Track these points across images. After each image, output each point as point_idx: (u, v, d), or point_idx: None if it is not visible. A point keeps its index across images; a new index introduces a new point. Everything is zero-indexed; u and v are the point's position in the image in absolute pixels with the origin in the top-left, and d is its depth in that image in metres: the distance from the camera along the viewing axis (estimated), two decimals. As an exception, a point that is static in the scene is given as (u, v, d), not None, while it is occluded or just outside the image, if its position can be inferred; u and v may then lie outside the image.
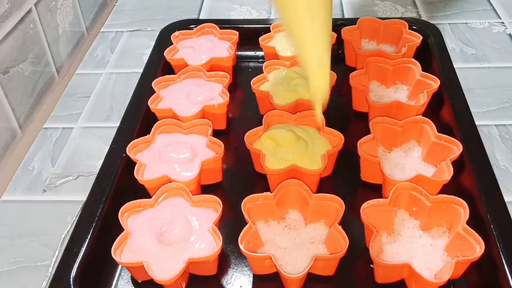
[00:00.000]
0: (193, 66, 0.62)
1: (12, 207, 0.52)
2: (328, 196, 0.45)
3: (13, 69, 0.60)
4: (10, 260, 0.47)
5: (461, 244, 0.41)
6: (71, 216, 0.51)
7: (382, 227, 0.44)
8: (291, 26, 0.45)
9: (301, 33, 0.44)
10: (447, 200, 0.44)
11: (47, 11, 0.67)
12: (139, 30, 0.78)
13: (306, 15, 0.43)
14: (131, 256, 0.42)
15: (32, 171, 0.56)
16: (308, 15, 0.43)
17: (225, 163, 0.52)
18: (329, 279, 0.43)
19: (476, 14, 0.77)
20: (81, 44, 0.77)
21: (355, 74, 0.59)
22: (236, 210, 0.45)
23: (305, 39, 0.44)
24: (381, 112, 0.54)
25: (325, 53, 0.44)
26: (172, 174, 0.49)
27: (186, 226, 0.44)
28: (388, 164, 0.50)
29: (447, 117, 0.55)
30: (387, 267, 0.41)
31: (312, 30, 0.43)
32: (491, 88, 0.63)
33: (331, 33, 0.45)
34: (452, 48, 0.70)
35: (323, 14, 0.43)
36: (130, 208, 0.46)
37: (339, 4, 0.81)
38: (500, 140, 0.56)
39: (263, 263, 0.42)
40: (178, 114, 0.55)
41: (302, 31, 0.44)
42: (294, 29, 0.45)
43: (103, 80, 0.68)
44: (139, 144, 0.52)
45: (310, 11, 0.42)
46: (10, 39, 0.59)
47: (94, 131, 0.60)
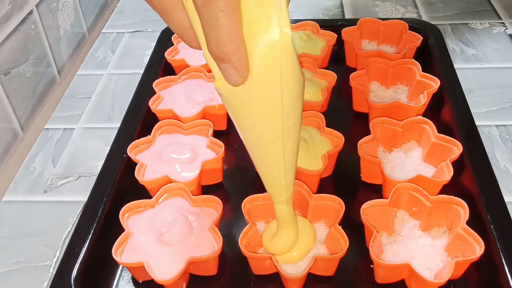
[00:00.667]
0: (194, 66, 0.62)
1: (13, 208, 0.52)
2: (328, 197, 0.45)
3: (15, 70, 0.60)
4: (11, 260, 0.47)
5: (461, 244, 0.41)
6: (72, 216, 0.51)
7: (382, 228, 0.44)
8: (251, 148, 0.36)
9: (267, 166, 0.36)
10: (447, 200, 0.44)
11: (49, 12, 0.68)
12: (140, 31, 0.79)
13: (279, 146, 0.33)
14: (131, 256, 0.42)
15: (33, 171, 0.56)
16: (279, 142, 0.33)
17: (225, 163, 0.52)
18: (329, 279, 0.43)
19: (477, 14, 0.77)
20: (82, 45, 0.77)
21: (356, 75, 0.59)
22: (237, 210, 0.45)
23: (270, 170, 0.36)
24: (381, 112, 0.55)
25: (293, 179, 0.37)
26: (172, 174, 0.49)
27: (187, 226, 0.44)
28: (388, 165, 0.51)
29: (447, 118, 0.56)
30: (387, 268, 0.41)
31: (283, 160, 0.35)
32: (491, 88, 0.63)
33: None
34: (453, 48, 0.70)
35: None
36: (130, 208, 0.46)
37: (339, 4, 0.81)
38: (500, 140, 0.56)
39: (263, 263, 0.42)
40: (178, 115, 0.55)
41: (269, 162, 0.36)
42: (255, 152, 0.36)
43: (104, 81, 0.69)
44: (139, 145, 0.52)
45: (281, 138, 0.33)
46: (12, 40, 0.59)
47: (95, 132, 0.61)
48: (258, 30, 0.27)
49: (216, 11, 0.26)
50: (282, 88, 0.29)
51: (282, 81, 0.28)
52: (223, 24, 0.26)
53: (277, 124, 0.31)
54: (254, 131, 0.33)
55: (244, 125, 0.33)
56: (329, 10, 0.80)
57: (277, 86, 0.29)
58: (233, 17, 0.26)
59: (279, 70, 0.28)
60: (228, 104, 0.31)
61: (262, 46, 0.27)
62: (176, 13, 0.29)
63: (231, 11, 0.26)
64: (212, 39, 0.27)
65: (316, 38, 0.66)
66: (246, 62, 0.28)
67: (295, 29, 0.68)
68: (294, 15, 0.79)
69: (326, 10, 0.80)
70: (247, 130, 0.33)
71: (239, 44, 0.27)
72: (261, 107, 0.30)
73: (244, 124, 0.33)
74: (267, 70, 0.28)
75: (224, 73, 0.28)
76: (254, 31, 0.27)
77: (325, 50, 0.64)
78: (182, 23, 0.29)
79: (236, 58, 0.27)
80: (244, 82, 0.29)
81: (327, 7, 0.80)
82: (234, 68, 0.28)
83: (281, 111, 0.30)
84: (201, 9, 0.26)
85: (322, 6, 0.81)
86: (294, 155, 0.35)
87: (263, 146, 0.34)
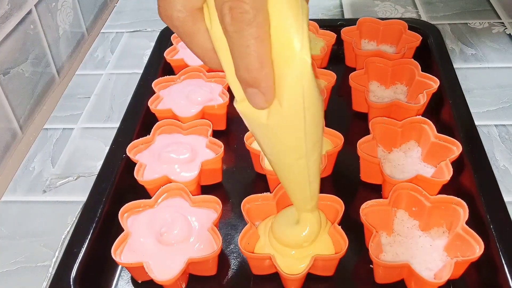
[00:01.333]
0: (193, 66, 0.62)
1: (12, 208, 0.52)
2: (327, 197, 0.45)
3: (14, 70, 0.60)
4: (10, 260, 0.47)
5: (460, 244, 0.41)
6: (71, 216, 0.51)
7: (381, 227, 0.44)
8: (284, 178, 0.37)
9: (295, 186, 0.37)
10: (446, 200, 0.44)
11: (48, 12, 0.68)
12: (139, 30, 0.79)
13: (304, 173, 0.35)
14: (131, 256, 0.42)
15: (32, 171, 0.56)
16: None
17: (225, 163, 0.52)
18: (328, 279, 0.43)
19: (476, 14, 0.77)
20: (81, 45, 0.77)
21: (355, 75, 0.59)
22: (236, 210, 0.45)
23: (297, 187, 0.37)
24: (380, 112, 0.55)
25: (317, 189, 0.38)
26: (172, 174, 0.49)
27: (186, 227, 0.44)
28: (387, 164, 0.51)
29: (446, 118, 0.56)
30: (387, 267, 0.41)
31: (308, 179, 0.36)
32: (491, 88, 0.63)
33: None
34: (452, 48, 0.70)
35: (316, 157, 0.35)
36: (130, 208, 0.46)
37: (339, 4, 0.81)
38: (499, 140, 0.56)
39: (262, 264, 0.42)
40: (178, 115, 0.55)
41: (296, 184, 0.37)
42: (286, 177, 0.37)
43: (103, 81, 0.68)
44: (139, 145, 0.52)
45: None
46: (11, 40, 0.59)
47: (94, 132, 0.60)
48: (282, 57, 0.28)
49: (248, 38, 0.26)
50: (305, 112, 0.30)
51: (304, 106, 0.29)
52: (255, 51, 0.26)
53: (300, 145, 0.32)
54: (277, 150, 0.34)
55: (267, 145, 0.34)
56: (328, 10, 0.80)
57: (300, 111, 0.29)
58: (264, 44, 0.27)
59: (301, 96, 0.29)
60: (251, 125, 0.32)
61: (286, 73, 0.28)
62: (200, 37, 0.29)
63: (263, 38, 0.26)
64: (242, 65, 0.27)
65: (315, 38, 0.66)
66: (273, 88, 0.28)
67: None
68: (293, 15, 0.79)
69: (326, 9, 0.80)
70: (270, 149, 0.34)
71: (268, 70, 0.27)
72: (284, 130, 0.31)
73: (267, 144, 0.33)
74: (290, 95, 0.29)
75: (251, 97, 0.29)
76: (278, 58, 0.28)
77: (324, 50, 0.63)
78: (206, 47, 0.29)
79: (265, 84, 0.28)
80: (270, 106, 0.29)
81: (327, 7, 0.80)
82: (262, 94, 0.28)
83: (304, 132, 0.31)
84: (233, 36, 0.26)
85: (321, 6, 0.81)
86: (317, 169, 0.36)
87: (287, 164, 0.35)
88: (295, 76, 0.28)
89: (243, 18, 0.26)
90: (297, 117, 0.30)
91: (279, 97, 0.29)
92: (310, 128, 0.31)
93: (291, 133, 0.31)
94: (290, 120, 0.30)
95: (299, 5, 0.27)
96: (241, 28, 0.26)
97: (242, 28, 0.26)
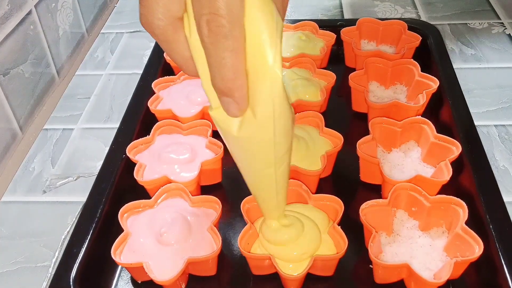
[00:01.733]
0: (193, 67, 0.62)
1: (12, 208, 0.52)
2: (327, 197, 0.45)
3: (14, 70, 0.60)
4: (10, 260, 0.47)
5: (460, 244, 0.41)
6: (71, 216, 0.51)
7: (381, 228, 0.44)
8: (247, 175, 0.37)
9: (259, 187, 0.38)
10: (446, 200, 0.44)
11: (47, 12, 0.68)
12: (139, 31, 0.79)
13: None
14: (130, 256, 0.42)
15: (32, 172, 0.56)
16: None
17: (224, 164, 0.52)
18: (328, 279, 0.43)
19: (476, 14, 0.77)
20: (81, 45, 0.77)
21: (355, 75, 0.59)
22: (236, 210, 0.45)
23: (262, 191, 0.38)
24: (380, 112, 0.55)
25: (284, 198, 0.39)
26: (171, 174, 0.49)
27: (186, 227, 0.44)
28: (387, 165, 0.51)
29: (446, 118, 0.56)
30: (386, 268, 0.41)
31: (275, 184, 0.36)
32: (490, 88, 0.63)
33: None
34: (452, 48, 0.70)
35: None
36: (130, 208, 0.46)
37: (338, 5, 0.81)
38: (499, 140, 0.56)
39: (262, 264, 0.42)
40: (178, 115, 0.55)
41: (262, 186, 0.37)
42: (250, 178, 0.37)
43: (103, 81, 0.68)
44: (139, 145, 0.52)
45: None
46: (11, 40, 0.59)
47: (94, 132, 0.61)
48: (256, 69, 0.28)
49: (224, 50, 0.27)
50: (275, 123, 0.30)
51: (274, 116, 0.30)
52: (230, 63, 0.27)
53: (269, 154, 0.33)
54: (247, 158, 0.34)
55: (237, 152, 0.35)
56: (328, 10, 0.80)
57: (270, 121, 0.30)
58: (239, 56, 0.28)
59: (271, 107, 0.30)
60: (223, 132, 0.33)
61: (258, 85, 0.29)
62: (179, 45, 0.30)
63: (238, 51, 0.27)
64: (218, 75, 0.28)
65: (315, 38, 0.66)
66: (246, 98, 0.29)
67: (294, 29, 0.68)
68: (293, 15, 0.79)
69: (325, 10, 0.80)
70: (241, 156, 0.35)
71: (242, 81, 0.28)
72: (255, 140, 0.32)
73: (238, 151, 0.34)
74: (262, 106, 0.30)
75: (225, 106, 0.30)
76: (252, 70, 0.29)
77: (324, 50, 0.64)
78: (184, 55, 0.30)
79: (239, 94, 0.29)
80: (243, 115, 0.30)
81: (326, 7, 0.80)
82: (235, 103, 0.29)
83: (273, 142, 0.32)
84: (209, 48, 0.27)
85: (321, 6, 0.81)
86: (285, 179, 0.37)
87: (255, 172, 0.36)
88: (267, 88, 0.29)
89: (219, 31, 0.27)
90: (266, 126, 0.31)
91: (252, 107, 0.30)
92: (279, 138, 0.32)
93: (261, 143, 0.32)
94: (260, 130, 0.31)
95: (274, 20, 0.28)
96: (218, 41, 0.27)
97: (218, 41, 0.27)
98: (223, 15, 0.26)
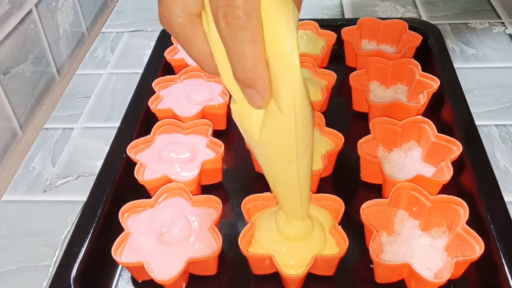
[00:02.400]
0: (193, 66, 0.62)
1: (12, 207, 0.52)
2: (328, 196, 0.45)
3: (14, 69, 0.60)
4: (10, 260, 0.47)
5: (461, 244, 0.41)
6: (72, 216, 0.51)
7: (382, 227, 0.44)
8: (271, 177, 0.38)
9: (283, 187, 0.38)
10: (447, 200, 0.44)
11: (48, 11, 0.68)
12: (139, 30, 0.78)
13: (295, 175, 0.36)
14: (131, 256, 0.42)
15: (32, 171, 0.56)
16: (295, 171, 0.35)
17: (225, 163, 0.52)
18: (329, 279, 0.43)
19: (476, 14, 0.77)
20: (81, 44, 0.77)
21: (355, 74, 0.59)
22: (236, 210, 0.45)
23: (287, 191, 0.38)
24: (381, 112, 0.54)
25: (308, 196, 0.39)
26: (172, 174, 0.49)
27: (186, 226, 0.44)
28: (388, 164, 0.50)
29: (447, 117, 0.56)
30: (387, 267, 0.41)
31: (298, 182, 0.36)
32: (491, 88, 0.63)
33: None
34: (452, 48, 0.70)
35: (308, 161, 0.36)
36: (130, 208, 0.46)
37: (339, 4, 0.81)
38: (500, 140, 0.56)
39: (263, 263, 0.42)
40: (178, 115, 0.55)
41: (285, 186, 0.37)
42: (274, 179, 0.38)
43: (104, 81, 0.68)
44: (139, 144, 0.52)
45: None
46: (11, 39, 0.59)
47: (94, 132, 0.60)
48: (274, 59, 0.29)
49: (242, 42, 0.27)
50: (296, 114, 0.30)
51: (295, 107, 0.30)
52: (249, 54, 0.28)
53: (291, 148, 0.33)
54: (269, 154, 0.34)
55: (259, 147, 0.35)
56: (328, 10, 0.80)
57: (291, 112, 0.30)
58: (258, 47, 0.28)
59: (292, 97, 0.30)
60: (244, 128, 0.33)
61: (278, 75, 0.29)
62: (198, 41, 0.30)
63: (256, 41, 0.27)
64: (239, 67, 0.28)
65: (315, 38, 0.66)
66: (269, 88, 0.29)
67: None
68: (293, 14, 0.79)
69: (326, 9, 0.80)
70: (263, 152, 0.35)
71: (263, 71, 0.29)
72: (276, 131, 0.32)
73: (259, 146, 0.34)
74: (283, 97, 0.30)
75: (249, 97, 0.30)
76: (271, 60, 0.29)
77: (324, 49, 0.63)
78: (203, 51, 0.30)
79: (261, 84, 0.29)
80: (267, 105, 0.30)
81: (327, 7, 0.80)
82: (258, 93, 0.29)
83: (295, 134, 0.32)
84: (228, 40, 0.28)
85: (321, 6, 0.80)
86: (308, 176, 0.36)
87: (278, 168, 0.36)
88: (286, 78, 0.29)
89: (236, 23, 0.27)
90: (288, 117, 0.31)
91: (275, 98, 0.30)
92: (301, 130, 0.32)
93: (282, 134, 0.32)
94: (281, 120, 0.31)
95: (290, 9, 0.28)
96: (235, 33, 0.27)
97: (236, 33, 0.27)
98: (239, 6, 0.26)
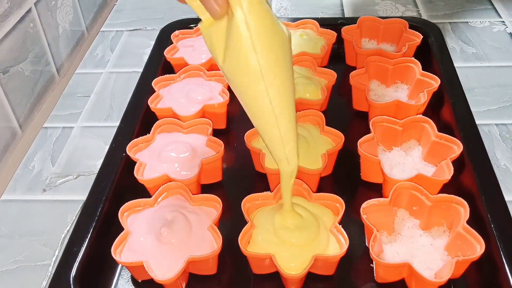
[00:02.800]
0: (193, 65, 0.62)
1: (12, 207, 0.52)
2: (328, 196, 0.45)
3: (13, 68, 0.60)
4: (10, 259, 0.47)
5: (461, 244, 0.41)
6: (71, 215, 0.51)
7: (382, 227, 0.44)
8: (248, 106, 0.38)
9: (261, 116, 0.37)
10: (447, 199, 0.44)
11: (47, 10, 0.67)
12: (139, 29, 0.78)
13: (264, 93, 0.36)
14: (131, 255, 0.42)
15: (32, 170, 0.56)
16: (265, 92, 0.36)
17: (225, 162, 0.52)
18: (329, 279, 0.43)
19: (477, 13, 0.77)
20: (81, 43, 0.77)
21: (355, 73, 0.58)
22: (236, 209, 0.45)
23: (265, 123, 0.38)
24: (381, 111, 0.54)
25: (290, 132, 0.38)
26: (172, 173, 0.49)
27: (186, 226, 0.44)
28: (388, 164, 0.50)
29: (447, 116, 0.55)
30: (387, 267, 0.41)
31: (273, 112, 0.36)
32: (492, 87, 0.63)
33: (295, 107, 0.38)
34: (453, 47, 0.70)
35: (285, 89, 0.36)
36: (130, 207, 0.46)
37: (339, 3, 0.81)
38: (500, 139, 0.56)
39: (263, 263, 0.42)
40: (178, 114, 0.55)
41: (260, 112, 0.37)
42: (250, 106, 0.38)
43: (103, 80, 0.68)
44: (139, 144, 0.52)
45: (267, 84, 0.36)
46: (10, 38, 0.59)
47: (94, 131, 0.60)
48: None
49: None
50: (247, 19, 0.33)
51: (245, 13, 0.33)
52: None
53: (251, 58, 0.34)
54: (237, 76, 0.36)
55: (227, 72, 0.36)
56: (329, 9, 0.80)
57: (242, 19, 0.33)
58: None
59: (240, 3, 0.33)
60: (210, 50, 0.36)
61: None
62: None
63: None
64: None
65: (316, 37, 0.66)
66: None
67: (295, 28, 0.68)
68: (294, 13, 0.79)
69: (326, 8, 0.80)
70: (232, 77, 0.36)
71: None
72: (235, 46, 0.34)
73: (227, 70, 0.36)
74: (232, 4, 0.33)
75: (207, 6, 0.34)
76: None
77: (325, 48, 0.63)
78: None
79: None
80: (222, 13, 0.33)
81: (327, 6, 0.80)
82: (213, 1, 0.33)
83: (250, 40, 0.34)
84: None
85: (322, 5, 0.80)
86: (285, 106, 0.36)
87: (249, 93, 0.36)
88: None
89: None
90: (241, 23, 0.33)
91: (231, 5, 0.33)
92: (258, 38, 0.33)
93: (241, 50, 0.34)
94: (239, 34, 0.33)
95: None
96: None
97: None
98: None
